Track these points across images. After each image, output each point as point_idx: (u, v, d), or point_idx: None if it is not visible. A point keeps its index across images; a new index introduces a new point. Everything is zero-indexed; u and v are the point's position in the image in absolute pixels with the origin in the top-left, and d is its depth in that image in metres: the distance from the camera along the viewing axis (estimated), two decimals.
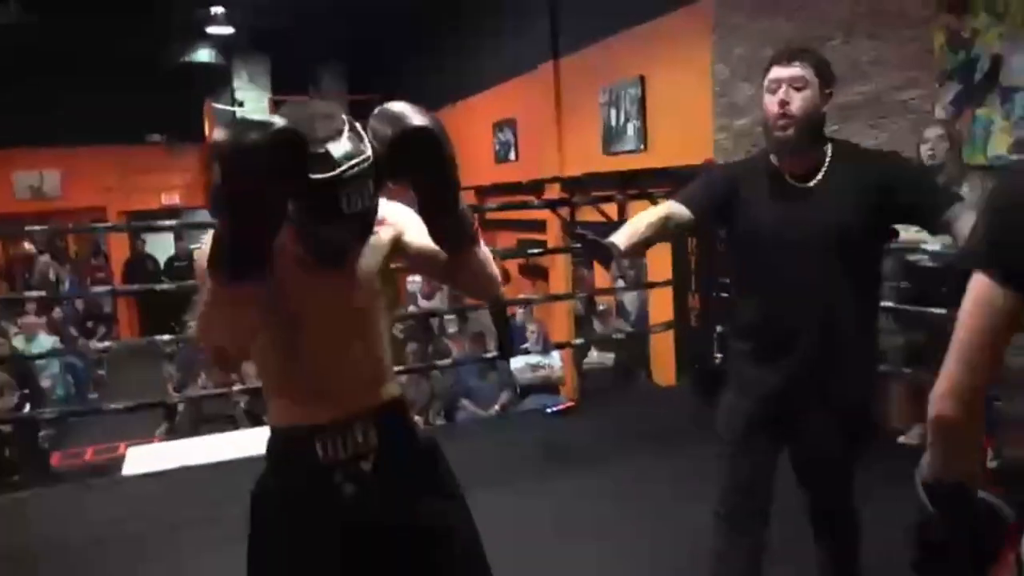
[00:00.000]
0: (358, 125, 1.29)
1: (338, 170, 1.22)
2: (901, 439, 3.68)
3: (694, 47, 5.57)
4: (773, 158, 1.90)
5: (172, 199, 12.67)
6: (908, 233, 3.01)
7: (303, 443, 1.42)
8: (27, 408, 5.96)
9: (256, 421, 5.61)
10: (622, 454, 3.71)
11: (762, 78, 1.85)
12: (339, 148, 1.23)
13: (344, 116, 1.28)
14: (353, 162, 1.23)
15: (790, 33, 4.71)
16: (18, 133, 11.04)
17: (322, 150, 1.21)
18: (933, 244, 3.25)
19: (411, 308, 7.37)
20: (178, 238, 11.24)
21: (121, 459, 4.77)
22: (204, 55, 11.65)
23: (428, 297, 7.47)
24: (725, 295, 4.67)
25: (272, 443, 1.49)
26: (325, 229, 1.28)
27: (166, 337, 5.32)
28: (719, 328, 4.54)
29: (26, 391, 6.32)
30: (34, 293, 7.48)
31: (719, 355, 4.60)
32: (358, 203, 1.24)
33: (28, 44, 10.36)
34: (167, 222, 8.28)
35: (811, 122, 1.80)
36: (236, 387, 4.90)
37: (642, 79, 6.21)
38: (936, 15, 3.83)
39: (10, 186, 11.85)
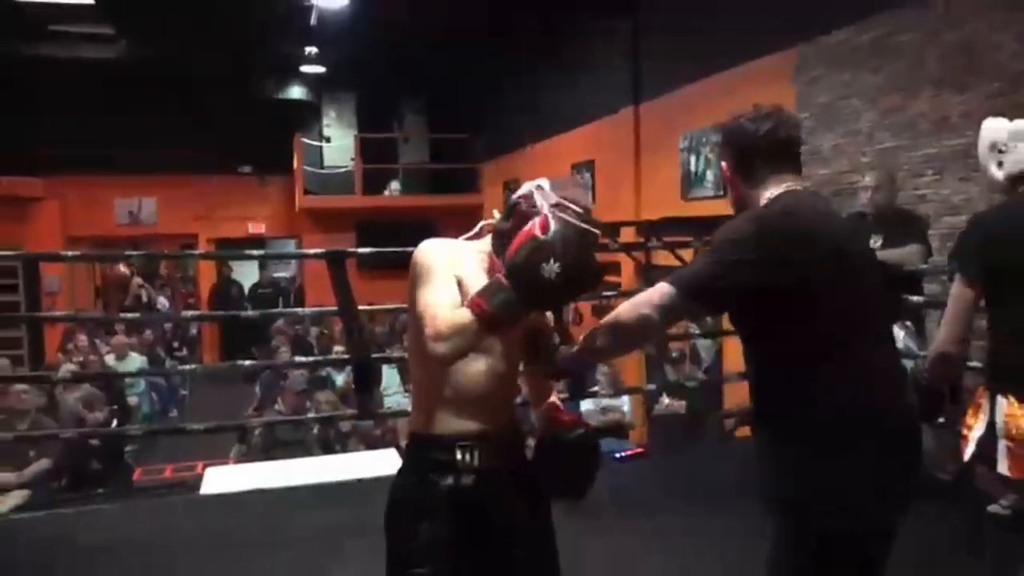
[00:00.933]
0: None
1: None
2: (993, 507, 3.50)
3: (776, 95, 5.54)
4: None
5: (259, 228, 13.18)
6: None
7: (447, 450, 1.68)
8: (114, 424, 6.24)
9: (327, 449, 5.74)
10: (687, 505, 3.65)
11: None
12: None
13: None
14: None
15: (876, 84, 4.66)
16: (121, 161, 11.75)
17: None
18: None
19: None
20: (262, 266, 11.63)
21: (199, 478, 4.94)
22: (296, 92, 12.16)
23: None
24: None
25: (415, 447, 1.75)
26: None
27: (248, 362, 5.50)
28: None
29: (115, 407, 6.63)
30: (128, 315, 7.86)
31: None
32: None
33: (132, 78, 11.04)
34: (255, 252, 8.59)
35: None
36: (310, 414, 5.02)
37: (723, 126, 6.19)
38: None
39: (111, 211, 12.54)
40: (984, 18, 3.96)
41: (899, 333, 3.76)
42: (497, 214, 1.66)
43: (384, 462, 4.77)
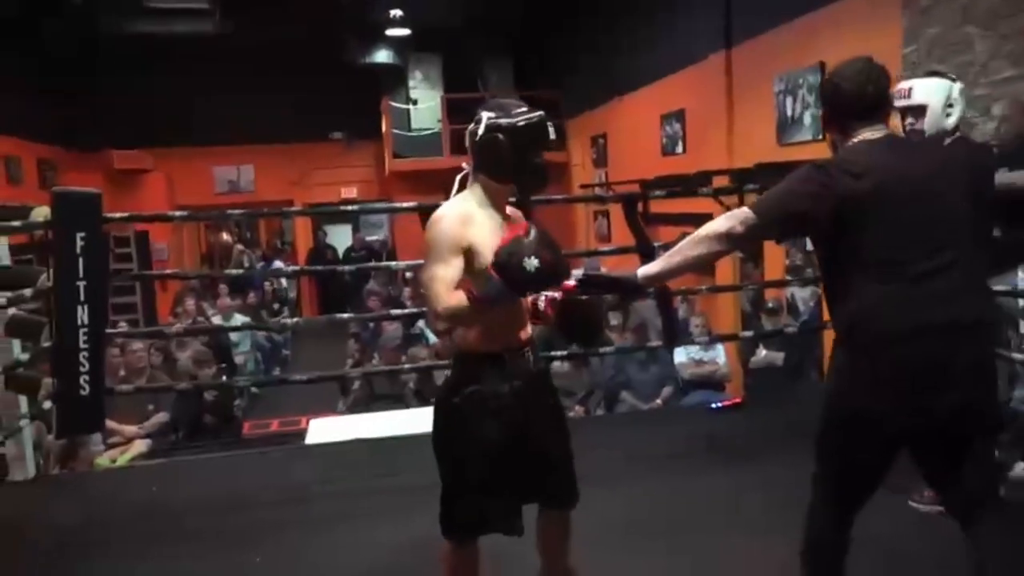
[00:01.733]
0: None
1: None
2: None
3: (879, 30, 5.23)
4: None
5: (351, 192, 13.47)
6: None
7: (497, 360, 2.01)
8: (223, 380, 6.57)
9: (423, 401, 5.88)
10: (786, 454, 3.56)
11: None
12: None
13: None
14: None
15: (993, 7, 4.32)
16: (219, 132, 12.20)
17: None
18: None
19: None
20: (355, 229, 11.90)
21: (303, 431, 5.16)
22: (382, 56, 12.26)
23: None
24: None
25: (469, 361, 2.04)
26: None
27: (345, 315, 5.66)
28: None
29: (223, 364, 6.97)
30: (231, 271, 8.17)
31: None
32: None
33: (226, 52, 11.38)
34: (349, 207, 8.79)
35: None
36: (407, 366, 5.14)
37: (822, 65, 5.90)
38: None
39: (211, 180, 13.07)
40: None
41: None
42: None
43: None
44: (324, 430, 4.74)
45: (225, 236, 15.53)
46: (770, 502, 2.99)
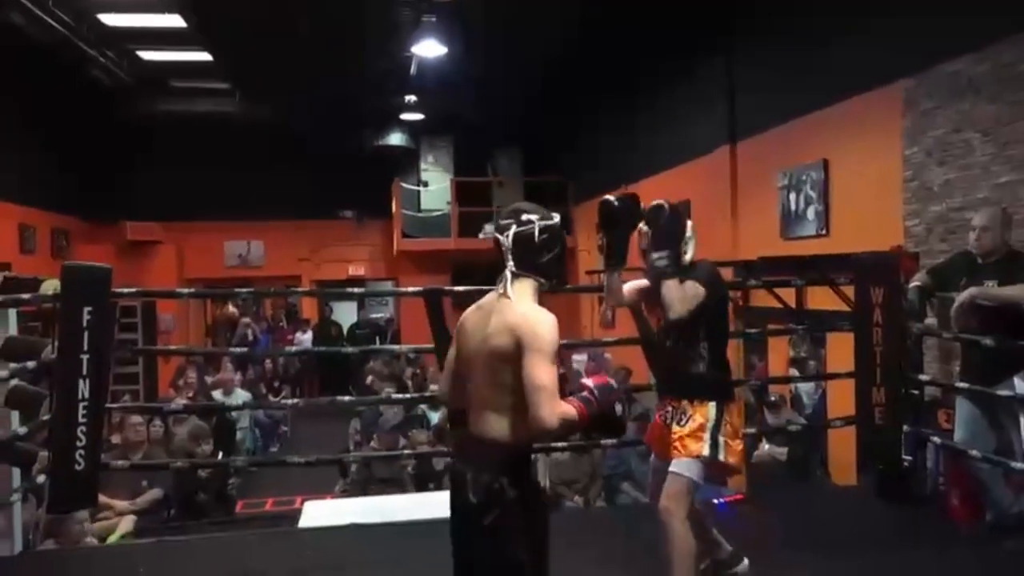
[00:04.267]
0: None
1: None
2: None
3: (882, 130, 5.36)
4: None
5: (358, 270, 13.61)
6: None
7: (530, 461, 2.20)
8: (220, 457, 6.48)
9: (421, 485, 5.78)
10: (789, 554, 3.47)
11: None
12: None
13: None
14: None
15: (993, 115, 4.44)
16: (232, 207, 12.43)
17: None
18: None
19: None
20: (361, 306, 11.95)
21: (297, 511, 5.05)
22: (396, 138, 12.59)
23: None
24: (915, 391, 4.33)
25: (520, 460, 2.10)
26: None
27: (346, 399, 5.62)
28: (906, 427, 4.20)
29: (221, 441, 6.89)
30: (236, 350, 8.19)
31: (908, 457, 4.24)
32: None
33: (242, 130, 11.72)
34: (354, 290, 8.85)
35: None
36: (406, 451, 5.08)
37: (825, 162, 6.03)
38: None
39: (221, 254, 13.23)
40: None
41: (1021, 384, 3.50)
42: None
43: None
44: (318, 513, 4.64)
45: (231, 308, 15.60)
46: None
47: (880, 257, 4.61)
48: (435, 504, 4.60)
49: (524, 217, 2.11)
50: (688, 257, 2.80)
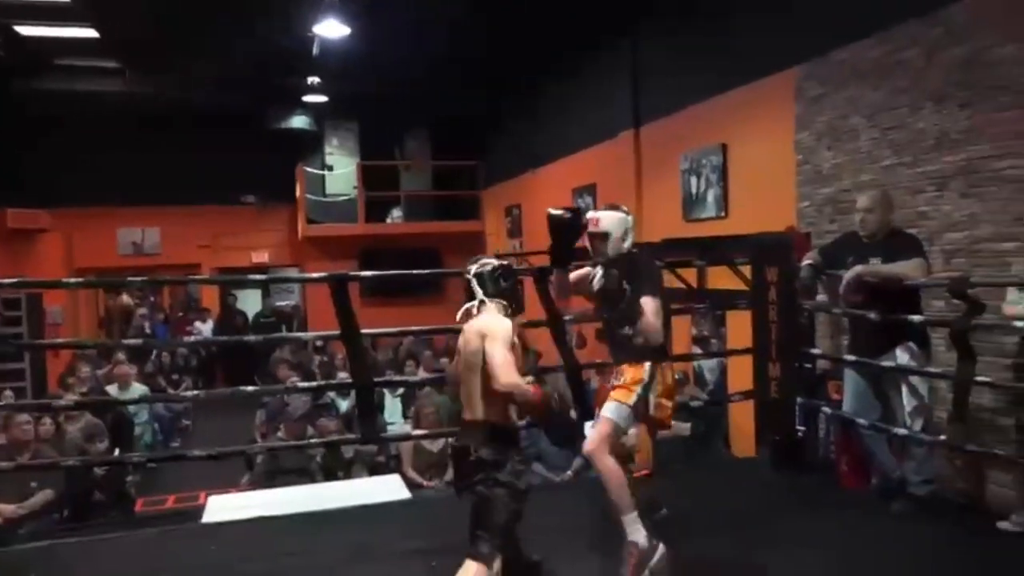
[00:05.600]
0: None
1: None
2: (1003, 524, 3.45)
3: (777, 115, 5.57)
4: None
5: (261, 257, 13.20)
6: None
7: (517, 433, 2.93)
8: (116, 453, 6.19)
9: (330, 475, 5.68)
10: (695, 525, 3.59)
11: None
12: None
13: None
14: None
15: (877, 101, 4.67)
16: (123, 192, 11.82)
17: None
18: None
19: None
20: (265, 294, 11.62)
21: (201, 507, 4.89)
22: (299, 122, 12.23)
23: None
24: (808, 365, 4.54)
25: (509, 432, 2.77)
26: None
27: (249, 388, 5.47)
28: (800, 399, 4.40)
29: (117, 437, 6.58)
30: (131, 341, 7.82)
31: (801, 428, 4.45)
32: None
33: (135, 110, 11.15)
34: (256, 276, 8.57)
35: None
36: (313, 440, 4.98)
37: (724, 147, 6.22)
38: None
39: (114, 242, 12.58)
40: (986, 33, 3.97)
41: (902, 355, 3.72)
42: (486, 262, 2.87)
43: (387, 488, 4.72)
44: (223, 507, 4.51)
45: (125, 298, 14.88)
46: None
47: (775, 238, 4.80)
48: (343, 493, 4.55)
49: (483, 260, 2.88)
50: (626, 245, 3.24)
